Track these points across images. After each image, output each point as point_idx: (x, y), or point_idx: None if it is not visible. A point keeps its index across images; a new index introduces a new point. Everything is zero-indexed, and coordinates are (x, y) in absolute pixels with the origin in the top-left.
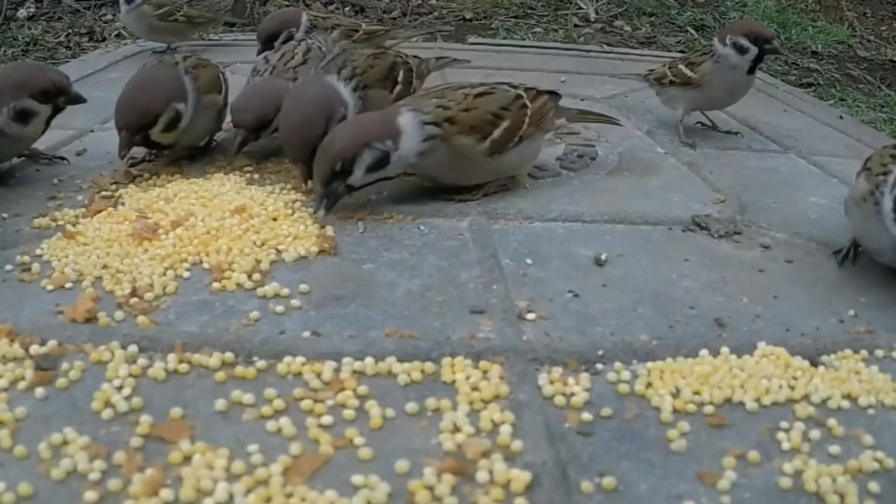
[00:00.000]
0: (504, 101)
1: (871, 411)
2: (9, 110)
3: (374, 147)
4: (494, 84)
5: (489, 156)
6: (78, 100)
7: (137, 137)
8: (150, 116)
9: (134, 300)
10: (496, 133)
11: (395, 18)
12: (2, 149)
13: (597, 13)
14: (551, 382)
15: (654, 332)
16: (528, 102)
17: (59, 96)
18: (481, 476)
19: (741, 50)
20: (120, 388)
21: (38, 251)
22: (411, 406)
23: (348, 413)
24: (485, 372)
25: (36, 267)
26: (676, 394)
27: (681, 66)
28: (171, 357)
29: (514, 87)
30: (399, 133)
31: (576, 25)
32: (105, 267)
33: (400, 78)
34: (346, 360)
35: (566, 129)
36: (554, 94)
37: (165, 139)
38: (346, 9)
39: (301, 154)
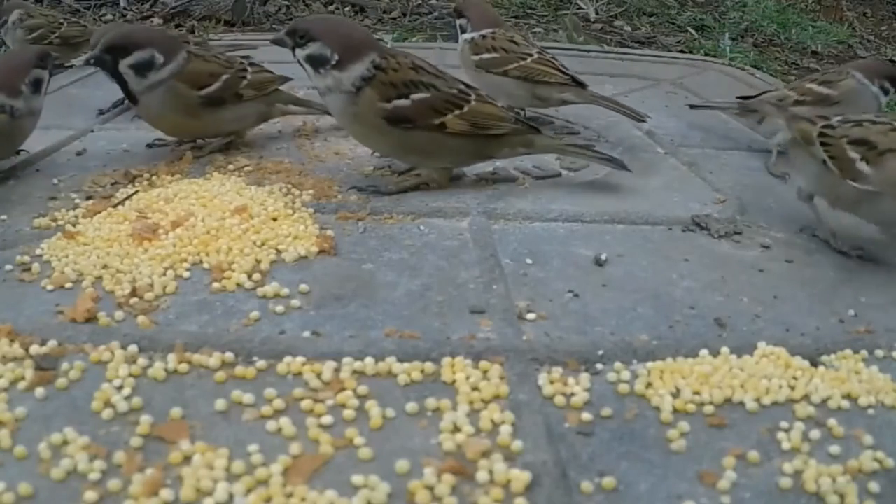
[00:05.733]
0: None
1: (871, 411)
2: (27, 85)
3: (146, 51)
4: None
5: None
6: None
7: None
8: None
9: (134, 300)
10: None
11: (395, 18)
12: (14, 134)
13: (597, 13)
14: (551, 382)
15: (654, 332)
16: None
17: (48, 59)
18: (481, 476)
19: (885, 91)
20: (120, 388)
21: (38, 251)
22: (411, 406)
23: (348, 413)
24: (485, 372)
25: (36, 267)
26: (676, 394)
27: (811, 86)
28: (171, 357)
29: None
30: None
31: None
32: (105, 267)
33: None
34: (346, 360)
35: (567, 129)
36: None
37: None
38: (346, 9)
39: None
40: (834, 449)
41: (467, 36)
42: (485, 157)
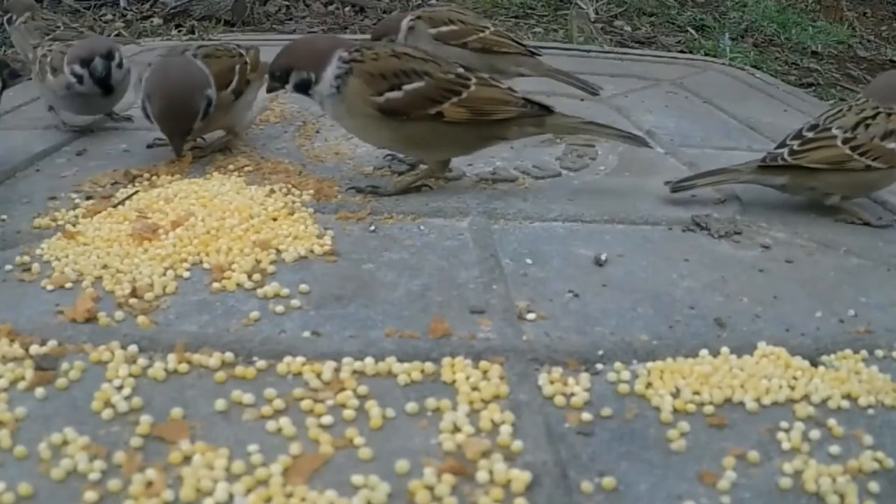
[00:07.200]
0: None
1: (871, 411)
2: None
3: None
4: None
5: (235, 99)
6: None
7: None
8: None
9: (134, 300)
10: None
11: None
12: None
13: (597, 13)
14: (551, 382)
15: (654, 332)
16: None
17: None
18: (481, 476)
19: None
20: (120, 388)
21: (38, 251)
22: (411, 406)
23: (348, 413)
24: (485, 372)
25: (36, 267)
26: (676, 394)
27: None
28: (171, 357)
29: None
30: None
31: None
32: (105, 267)
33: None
34: (346, 360)
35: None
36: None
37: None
38: (346, 9)
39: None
40: (834, 449)
41: (405, 22)
42: (492, 140)
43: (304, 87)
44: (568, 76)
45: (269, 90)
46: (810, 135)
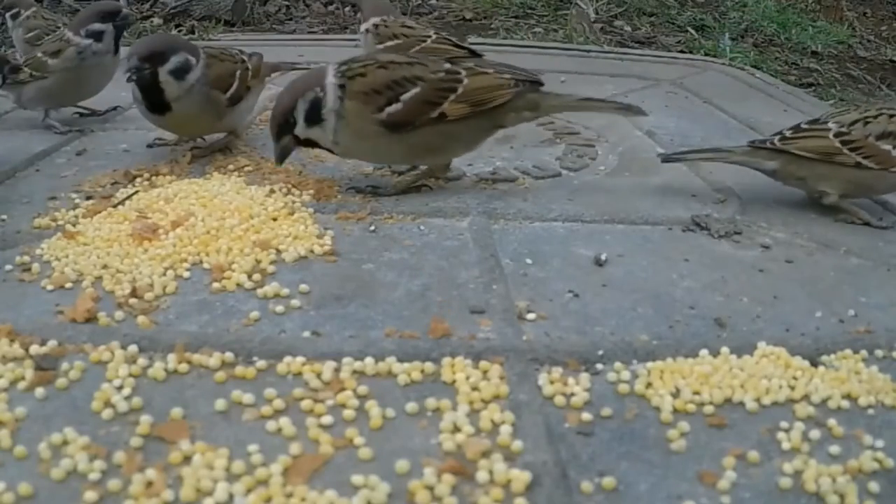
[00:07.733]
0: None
1: (871, 411)
2: None
3: (180, 55)
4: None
5: (232, 105)
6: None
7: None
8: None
9: (134, 300)
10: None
11: None
12: None
13: (597, 13)
14: (551, 382)
15: (654, 332)
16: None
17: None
18: (481, 476)
19: None
20: (120, 388)
21: (38, 251)
22: (411, 406)
23: (348, 413)
24: (485, 372)
25: (36, 267)
26: (676, 394)
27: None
28: (171, 357)
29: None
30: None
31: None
32: (105, 267)
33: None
34: (346, 360)
35: (566, 129)
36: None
37: None
38: (346, 9)
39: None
40: (834, 449)
41: (363, 27)
42: (493, 130)
43: (316, 111)
44: (510, 67)
45: (283, 154)
46: (806, 126)
